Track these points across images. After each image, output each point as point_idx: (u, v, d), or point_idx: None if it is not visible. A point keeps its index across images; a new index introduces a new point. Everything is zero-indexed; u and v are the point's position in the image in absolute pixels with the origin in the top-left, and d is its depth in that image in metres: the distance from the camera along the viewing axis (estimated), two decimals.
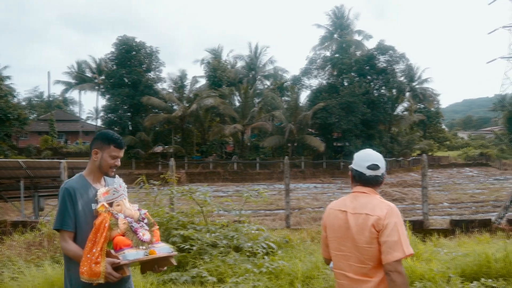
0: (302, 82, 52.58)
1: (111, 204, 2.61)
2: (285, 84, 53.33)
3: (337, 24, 52.52)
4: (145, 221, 2.65)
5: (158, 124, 47.21)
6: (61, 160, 13.37)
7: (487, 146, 68.08)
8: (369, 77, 48.43)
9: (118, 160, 2.78)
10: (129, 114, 47.52)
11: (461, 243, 7.10)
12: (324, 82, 50.95)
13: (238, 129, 42.53)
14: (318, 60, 51.82)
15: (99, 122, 56.43)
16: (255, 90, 50.33)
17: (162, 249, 2.59)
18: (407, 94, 55.85)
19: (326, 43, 52.75)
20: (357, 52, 51.47)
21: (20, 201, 12.32)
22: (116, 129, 45.38)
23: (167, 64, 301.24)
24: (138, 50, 46.77)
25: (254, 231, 7.09)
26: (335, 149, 48.95)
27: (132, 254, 2.43)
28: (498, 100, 75.72)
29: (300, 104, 46.50)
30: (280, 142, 43.09)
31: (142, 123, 44.46)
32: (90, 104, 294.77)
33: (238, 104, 49.58)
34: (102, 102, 52.77)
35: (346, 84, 47.48)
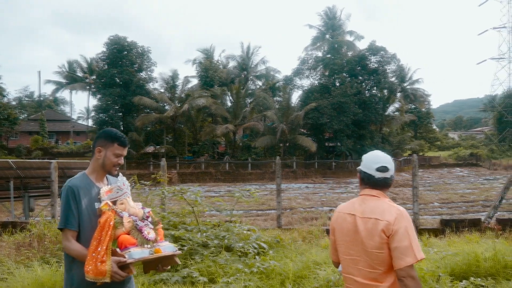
0: (294, 83, 52.67)
1: (115, 202, 2.58)
2: (277, 84, 53.37)
3: (329, 24, 52.69)
4: (149, 219, 2.62)
5: (150, 124, 47.05)
6: (51, 160, 13.28)
7: (477, 147, 68.56)
8: (360, 77, 48.59)
9: (122, 158, 2.75)
10: (120, 114, 47.31)
11: (451, 243, 7.15)
12: (316, 82, 51.11)
13: (230, 129, 42.52)
14: (310, 60, 51.97)
15: (90, 122, 56.25)
16: (247, 90, 50.35)
17: (167, 247, 2.56)
18: (398, 94, 56.10)
19: (318, 44, 52.91)
20: (348, 52, 51.66)
21: (10, 201, 12.22)
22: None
23: (159, 64, 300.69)
24: (130, 50, 46.61)
25: (246, 231, 7.10)
26: (327, 149, 49.12)
27: (137, 252, 2.41)
28: (488, 100, 76.53)
29: (292, 104, 46.63)
30: (272, 142, 43.13)
31: (134, 123, 44.27)
32: (81, 104, 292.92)
33: (230, 104, 49.62)
34: (93, 102, 52.39)
35: (337, 84, 47.66)
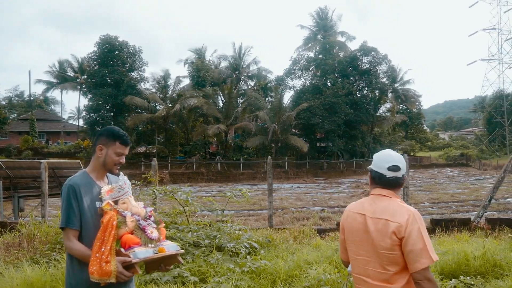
0: (286, 83, 52.82)
1: (116, 202, 2.55)
2: (269, 84, 53.43)
3: (320, 25, 52.87)
4: (151, 218, 2.59)
5: (141, 124, 46.90)
6: (41, 160, 13.18)
7: (468, 147, 69.04)
8: (352, 78, 48.78)
9: (123, 157, 2.73)
10: (111, 114, 47.14)
11: (441, 242, 7.19)
12: (307, 82, 51.25)
13: (222, 129, 42.48)
14: (302, 61, 52.10)
15: (81, 122, 55.98)
16: (239, 91, 50.37)
17: (171, 246, 2.54)
18: (390, 95, 56.43)
19: (310, 44, 53.07)
20: (340, 53, 51.85)
21: None
22: (98, 129, 44.99)
23: (150, 63, 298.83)
24: (121, 50, 46.47)
25: (237, 231, 7.09)
26: (318, 149, 49.26)
27: (142, 252, 2.37)
28: (478, 101, 77.06)
29: (283, 104, 46.74)
30: (263, 143, 43.17)
31: (125, 123, 43.99)
32: (72, 103, 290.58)
33: (221, 104, 49.59)
34: (84, 101, 52.12)
35: (329, 85, 47.83)
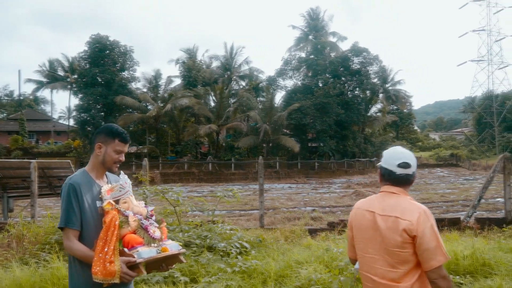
0: (277, 83, 52.90)
1: (117, 201, 2.51)
2: (260, 84, 53.43)
3: (312, 25, 52.98)
4: (153, 218, 2.57)
5: (132, 124, 46.69)
6: (31, 160, 13.09)
7: (458, 147, 69.63)
8: (343, 78, 48.99)
9: (123, 155, 2.67)
10: (102, 113, 46.82)
11: None
12: (299, 83, 51.40)
13: (213, 129, 42.42)
14: (293, 61, 52.23)
15: (72, 122, 55.53)
16: (230, 91, 50.33)
17: (173, 246, 2.51)
18: (381, 95, 56.75)
19: (301, 44, 53.18)
20: (331, 53, 52.02)
21: None
22: (88, 129, 44.76)
23: (141, 63, 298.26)
24: (112, 49, 46.22)
25: (228, 231, 7.09)
26: (310, 149, 49.38)
27: (146, 252, 2.34)
28: (468, 102, 77.81)
29: (275, 104, 46.77)
30: (255, 143, 43.18)
31: (116, 123, 43.69)
32: (62, 103, 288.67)
33: (213, 104, 49.49)
34: (75, 101, 51.85)
35: (320, 85, 47.97)
